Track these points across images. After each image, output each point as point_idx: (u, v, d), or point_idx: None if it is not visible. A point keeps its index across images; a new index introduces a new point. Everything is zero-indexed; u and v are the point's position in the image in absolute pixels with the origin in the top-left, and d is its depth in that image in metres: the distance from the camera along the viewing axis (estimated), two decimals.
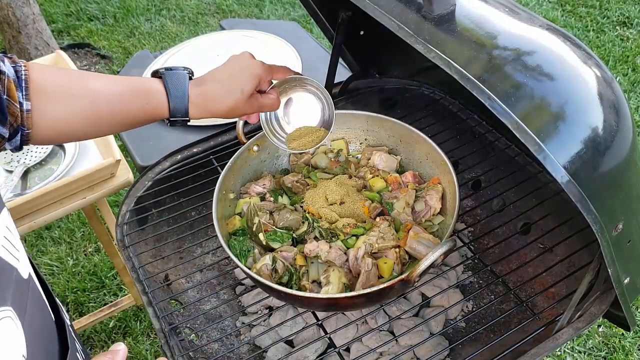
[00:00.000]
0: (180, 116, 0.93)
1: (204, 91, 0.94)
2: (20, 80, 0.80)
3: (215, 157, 1.45)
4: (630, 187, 0.79)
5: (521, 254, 1.27)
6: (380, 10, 0.82)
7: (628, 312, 0.99)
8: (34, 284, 0.68)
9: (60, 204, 1.46)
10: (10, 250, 0.62)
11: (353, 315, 1.29)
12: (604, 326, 2.07)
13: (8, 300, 0.59)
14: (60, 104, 0.84)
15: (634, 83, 3.11)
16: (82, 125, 0.88)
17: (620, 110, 0.74)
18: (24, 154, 1.56)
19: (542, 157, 0.67)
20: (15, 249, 0.63)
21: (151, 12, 4.08)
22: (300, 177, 1.27)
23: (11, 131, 0.81)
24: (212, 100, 0.94)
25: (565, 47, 0.75)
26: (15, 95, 0.79)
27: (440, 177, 1.20)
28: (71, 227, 2.61)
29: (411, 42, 0.76)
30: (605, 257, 0.78)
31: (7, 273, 0.60)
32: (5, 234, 0.62)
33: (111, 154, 1.49)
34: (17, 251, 0.63)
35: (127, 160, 1.86)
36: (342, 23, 1.31)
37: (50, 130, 0.85)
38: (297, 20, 3.74)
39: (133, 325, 2.21)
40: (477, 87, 0.68)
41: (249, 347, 1.32)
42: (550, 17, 3.65)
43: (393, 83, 1.60)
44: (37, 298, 0.68)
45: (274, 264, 1.06)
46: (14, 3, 3.08)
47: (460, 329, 1.31)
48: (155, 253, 1.35)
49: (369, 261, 1.04)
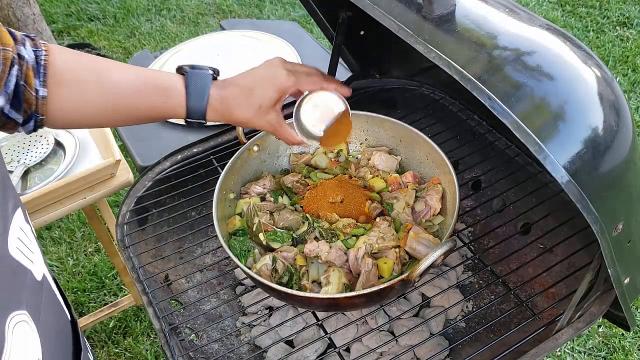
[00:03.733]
0: (197, 118, 0.91)
1: (224, 96, 0.91)
2: (40, 67, 0.79)
3: (215, 157, 1.45)
4: (630, 187, 0.79)
5: (521, 254, 1.27)
6: (380, 10, 0.82)
7: (628, 312, 0.99)
8: (48, 284, 0.67)
9: (60, 204, 1.46)
10: (25, 252, 0.61)
11: (353, 315, 1.29)
12: (604, 326, 2.07)
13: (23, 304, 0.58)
14: (76, 93, 0.83)
15: (634, 83, 3.12)
16: (98, 115, 0.86)
17: (620, 111, 0.74)
18: (24, 154, 1.56)
19: (542, 157, 0.67)
20: (30, 251, 0.62)
21: (151, 12, 4.09)
22: (300, 177, 1.27)
23: (25, 117, 0.79)
24: (231, 108, 0.91)
25: (565, 47, 0.75)
26: (33, 82, 0.77)
27: (440, 177, 1.20)
28: (71, 227, 2.61)
29: (411, 42, 0.76)
30: (605, 257, 0.78)
31: (21, 276, 0.59)
32: (19, 236, 0.61)
33: (111, 154, 1.49)
34: (31, 253, 0.63)
35: (127, 160, 1.86)
36: (342, 23, 1.31)
37: (64, 118, 0.84)
38: (297, 20, 3.74)
39: (133, 325, 2.22)
40: (477, 87, 0.68)
41: (249, 347, 1.32)
42: (550, 17, 3.65)
43: (393, 83, 1.60)
44: (52, 299, 0.68)
45: (274, 264, 1.06)
46: (14, 3, 3.08)
47: (460, 329, 1.31)
48: (155, 253, 1.35)
49: (369, 261, 1.04)
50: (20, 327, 0.56)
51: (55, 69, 0.80)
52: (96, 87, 0.84)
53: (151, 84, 0.88)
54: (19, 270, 0.59)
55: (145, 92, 0.87)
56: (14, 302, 0.57)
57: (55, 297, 0.69)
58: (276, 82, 0.93)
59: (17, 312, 0.56)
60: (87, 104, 0.84)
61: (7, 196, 0.60)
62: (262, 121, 0.94)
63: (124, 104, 0.87)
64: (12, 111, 0.77)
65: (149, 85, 0.88)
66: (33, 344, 0.59)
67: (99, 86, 0.84)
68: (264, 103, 0.92)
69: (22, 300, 0.58)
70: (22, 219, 0.63)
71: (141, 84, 0.87)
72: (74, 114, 0.84)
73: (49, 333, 0.63)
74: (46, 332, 0.62)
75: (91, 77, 0.84)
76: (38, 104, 0.79)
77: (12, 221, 0.59)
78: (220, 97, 0.91)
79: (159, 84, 0.89)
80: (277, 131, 0.98)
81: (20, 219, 0.62)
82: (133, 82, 0.87)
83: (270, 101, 0.92)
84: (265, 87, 0.92)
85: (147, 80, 0.88)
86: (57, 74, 0.80)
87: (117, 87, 0.85)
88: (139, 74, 0.88)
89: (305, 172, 1.30)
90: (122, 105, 0.86)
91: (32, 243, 0.64)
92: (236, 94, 0.91)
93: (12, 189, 0.62)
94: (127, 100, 0.86)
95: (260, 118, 0.93)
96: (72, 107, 0.83)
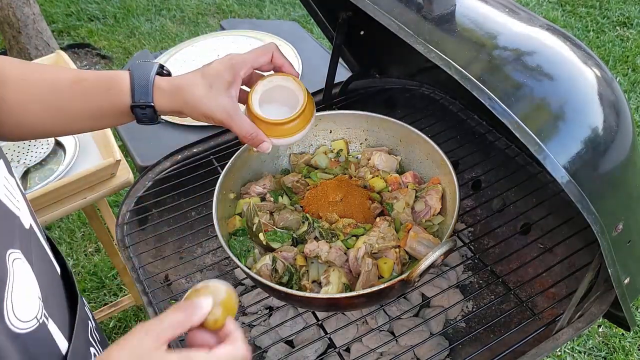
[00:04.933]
0: (143, 102, 0.85)
1: (174, 79, 0.88)
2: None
3: (215, 157, 1.45)
4: (630, 187, 0.79)
5: (521, 254, 1.27)
6: (380, 10, 0.82)
7: (628, 312, 0.99)
8: (36, 235, 0.67)
9: (60, 204, 1.46)
10: (10, 199, 0.62)
11: (353, 315, 1.29)
12: (604, 326, 2.07)
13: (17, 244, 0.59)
14: (20, 93, 0.81)
15: (634, 83, 3.12)
16: (43, 116, 0.84)
17: (620, 111, 0.74)
18: (24, 154, 1.56)
19: (542, 157, 0.67)
20: (16, 200, 0.63)
21: (151, 12, 4.09)
22: (300, 177, 1.27)
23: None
24: (180, 88, 0.86)
25: (565, 47, 0.75)
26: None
27: (440, 177, 1.20)
28: (71, 227, 2.61)
29: (411, 42, 0.76)
30: (605, 258, 0.78)
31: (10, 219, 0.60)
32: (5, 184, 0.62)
33: (111, 154, 1.49)
34: (17, 201, 0.63)
35: (127, 160, 1.86)
36: (342, 23, 1.31)
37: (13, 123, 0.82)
38: (297, 20, 3.74)
39: (133, 325, 2.21)
40: (477, 87, 0.68)
41: (249, 347, 1.32)
42: (550, 17, 3.65)
43: (393, 83, 1.60)
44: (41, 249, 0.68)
45: (274, 264, 1.06)
46: (14, 3, 3.08)
47: (460, 329, 1.31)
48: (155, 253, 1.35)
49: (369, 261, 1.04)
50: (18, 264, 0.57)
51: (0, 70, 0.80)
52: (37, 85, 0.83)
53: (95, 77, 0.86)
54: (8, 214, 0.60)
55: (89, 83, 0.85)
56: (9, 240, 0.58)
57: (44, 249, 0.69)
58: (227, 61, 0.88)
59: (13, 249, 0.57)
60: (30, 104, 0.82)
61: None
62: (215, 105, 0.86)
63: (69, 98, 0.84)
64: None
65: (92, 78, 0.86)
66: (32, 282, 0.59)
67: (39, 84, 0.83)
68: (215, 82, 0.86)
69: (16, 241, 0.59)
70: (5, 170, 0.64)
71: (82, 77, 0.85)
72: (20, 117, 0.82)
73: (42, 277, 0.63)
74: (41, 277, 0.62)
75: (32, 77, 0.83)
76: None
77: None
78: (167, 80, 0.87)
79: (103, 76, 0.87)
80: (232, 119, 0.89)
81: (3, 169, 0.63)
82: (74, 76, 0.85)
83: (223, 81, 0.87)
84: (217, 67, 0.87)
85: (91, 75, 0.86)
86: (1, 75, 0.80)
87: (59, 82, 0.84)
88: (83, 72, 0.87)
89: (305, 172, 1.30)
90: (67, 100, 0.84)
91: (17, 193, 0.65)
92: (186, 76, 0.88)
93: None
94: (71, 94, 0.84)
95: (212, 101, 0.86)
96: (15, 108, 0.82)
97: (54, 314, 0.64)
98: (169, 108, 0.88)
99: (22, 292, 0.57)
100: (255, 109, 0.94)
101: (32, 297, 0.59)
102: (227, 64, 0.88)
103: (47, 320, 0.61)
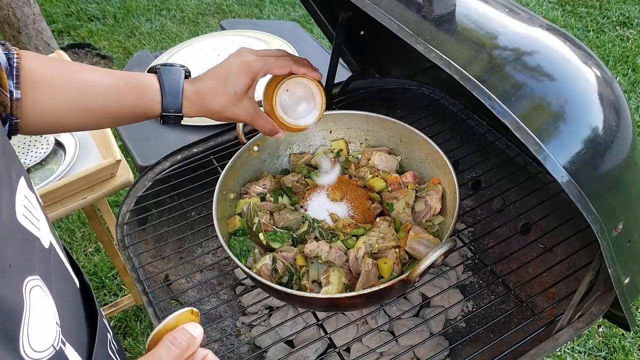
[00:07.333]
0: (173, 112, 0.90)
1: (199, 88, 0.92)
2: (12, 69, 0.78)
3: (215, 157, 1.45)
4: (630, 187, 0.79)
5: (521, 254, 1.27)
6: (380, 10, 0.82)
7: (628, 312, 0.99)
8: (55, 252, 0.67)
9: (60, 204, 1.46)
10: (31, 220, 0.61)
11: (353, 315, 1.29)
12: (604, 326, 2.07)
13: (35, 270, 0.58)
14: (51, 93, 0.82)
15: (634, 83, 3.11)
16: (73, 116, 0.86)
17: (620, 111, 0.74)
18: (24, 154, 1.56)
19: (542, 157, 0.67)
20: (36, 219, 0.62)
21: (151, 12, 4.09)
22: (300, 177, 1.27)
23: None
24: (206, 98, 0.92)
25: (565, 47, 0.75)
26: (6, 84, 0.77)
27: (441, 177, 1.20)
28: (71, 227, 2.61)
29: (411, 42, 0.76)
30: (605, 258, 0.78)
31: (30, 242, 0.60)
32: (25, 204, 0.61)
33: (111, 154, 1.49)
34: (37, 220, 0.63)
35: (127, 160, 1.86)
36: (342, 23, 1.31)
37: (40, 120, 0.83)
38: (297, 20, 3.74)
39: (133, 325, 2.22)
40: (477, 87, 0.68)
41: (249, 347, 1.32)
42: (550, 17, 3.65)
43: (393, 83, 1.60)
44: (60, 265, 0.68)
45: (274, 264, 1.06)
46: (14, 3, 3.08)
47: (460, 329, 1.31)
48: (155, 253, 1.35)
49: (369, 261, 1.04)
50: (36, 291, 0.57)
51: (29, 71, 0.80)
52: (70, 86, 0.84)
53: (125, 82, 0.88)
54: (28, 237, 0.59)
55: (120, 89, 0.87)
56: (27, 267, 0.57)
57: (63, 264, 0.69)
58: (247, 67, 0.93)
59: (31, 277, 0.57)
60: (62, 104, 0.84)
61: (10, 163, 0.60)
62: (238, 109, 0.94)
63: (100, 102, 0.86)
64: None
65: (122, 83, 0.87)
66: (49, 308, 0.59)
67: (74, 86, 0.84)
68: (237, 89, 0.92)
69: (34, 267, 0.58)
70: (26, 187, 0.63)
71: (115, 81, 0.87)
72: (49, 115, 0.83)
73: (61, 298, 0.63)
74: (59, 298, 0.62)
75: (65, 77, 0.84)
76: (13, 105, 0.78)
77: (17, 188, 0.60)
78: (194, 89, 0.92)
79: (133, 81, 0.89)
80: (255, 120, 0.98)
81: (24, 187, 0.62)
82: (107, 81, 0.86)
83: (243, 87, 0.93)
84: (237, 74, 0.92)
85: (120, 78, 0.88)
86: (30, 76, 0.80)
87: (90, 86, 0.85)
88: (112, 73, 0.88)
89: (305, 172, 1.29)
90: (97, 104, 0.86)
91: (38, 211, 0.64)
92: (210, 84, 0.92)
93: (15, 157, 0.62)
94: (102, 98, 0.86)
95: (235, 106, 0.93)
96: (47, 108, 0.82)
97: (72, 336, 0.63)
98: (195, 114, 0.93)
99: (39, 322, 0.56)
100: (279, 112, 1.02)
101: (50, 325, 0.58)
102: (246, 69, 0.92)
103: (64, 346, 0.60)
